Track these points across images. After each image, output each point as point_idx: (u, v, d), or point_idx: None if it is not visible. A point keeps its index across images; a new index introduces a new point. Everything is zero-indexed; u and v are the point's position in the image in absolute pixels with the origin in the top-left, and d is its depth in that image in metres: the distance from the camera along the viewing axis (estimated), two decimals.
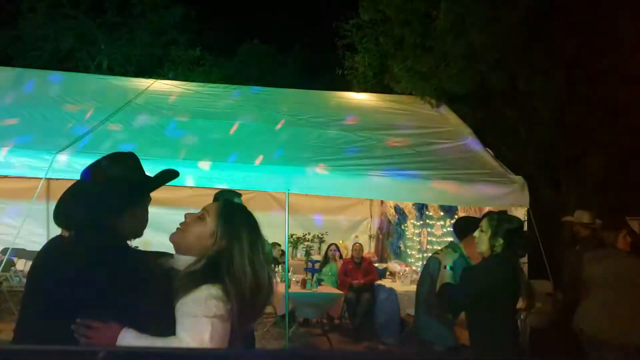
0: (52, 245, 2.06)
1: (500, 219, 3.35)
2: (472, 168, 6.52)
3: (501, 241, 3.28)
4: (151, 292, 1.85)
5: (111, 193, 2.01)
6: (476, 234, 3.44)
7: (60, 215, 2.00)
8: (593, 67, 7.35)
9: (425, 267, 4.50)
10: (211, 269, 1.86)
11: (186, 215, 2.05)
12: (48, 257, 2.01)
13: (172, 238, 2.01)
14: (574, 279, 4.78)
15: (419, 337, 4.48)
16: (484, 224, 3.38)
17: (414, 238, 9.60)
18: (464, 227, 4.37)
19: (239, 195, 4.64)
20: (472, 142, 7.20)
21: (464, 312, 3.45)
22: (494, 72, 7.78)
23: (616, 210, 5.42)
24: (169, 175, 2.21)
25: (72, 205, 2.01)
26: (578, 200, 7.28)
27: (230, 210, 2.04)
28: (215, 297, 1.80)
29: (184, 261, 1.96)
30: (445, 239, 8.34)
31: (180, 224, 2.03)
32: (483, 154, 6.95)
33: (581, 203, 7.05)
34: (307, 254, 9.13)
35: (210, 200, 4.42)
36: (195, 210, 2.07)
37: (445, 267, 3.51)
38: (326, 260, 8.60)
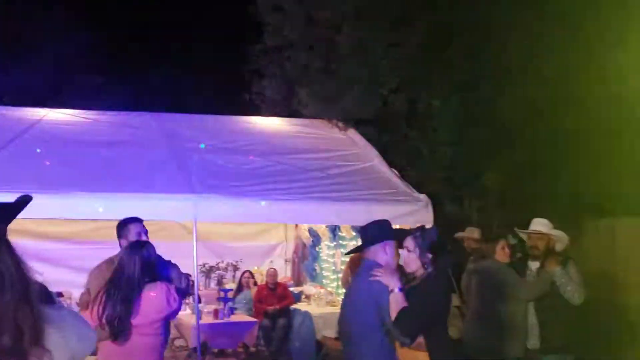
0: None
1: (423, 236, 3.38)
2: (380, 188, 6.72)
3: (430, 256, 3.31)
4: None
5: None
6: (404, 253, 3.40)
7: None
8: (486, 90, 7.83)
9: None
10: None
11: None
12: None
13: None
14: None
15: None
16: (410, 243, 3.35)
17: (329, 259, 9.67)
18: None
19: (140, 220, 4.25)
20: (379, 164, 7.42)
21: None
22: (395, 95, 8.08)
23: (506, 223, 5.69)
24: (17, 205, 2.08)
25: None
26: (479, 214, 7.65)
27: None
28: None
29: None
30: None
31: None
32: (389, 175, 7.18)
33: (482, 217, 7.43)
34: (220, 282, 8.90)
35: (114, 232, 4.15)
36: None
37: (393, 291, 3.17)
38: (240, 288, 8.44)
